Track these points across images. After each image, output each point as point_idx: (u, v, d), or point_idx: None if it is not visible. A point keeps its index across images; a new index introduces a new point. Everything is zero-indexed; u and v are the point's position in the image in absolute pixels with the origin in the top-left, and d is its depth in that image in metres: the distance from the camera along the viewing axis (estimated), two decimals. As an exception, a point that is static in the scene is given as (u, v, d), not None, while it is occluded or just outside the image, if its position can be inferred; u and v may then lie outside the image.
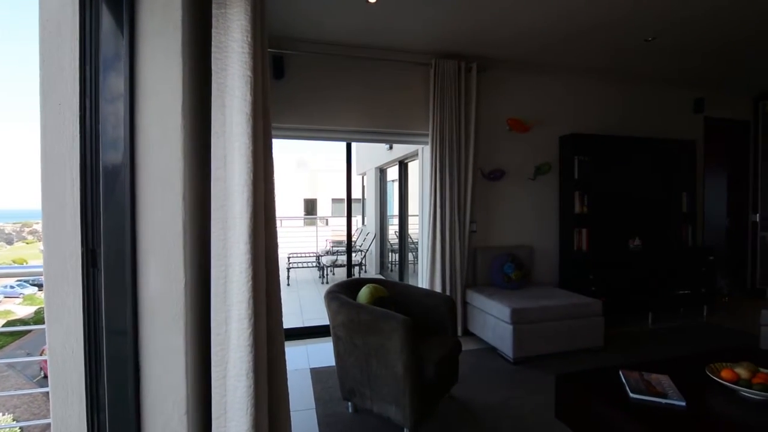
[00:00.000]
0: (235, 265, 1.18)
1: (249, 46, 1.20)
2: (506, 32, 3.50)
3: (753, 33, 3.52)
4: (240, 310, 1.17)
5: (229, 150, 1.20)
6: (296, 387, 2.85)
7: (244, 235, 1.18)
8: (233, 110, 1.20)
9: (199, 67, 1.37)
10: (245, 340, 1.17)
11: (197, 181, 1.35)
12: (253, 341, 1.18)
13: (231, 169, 1.20)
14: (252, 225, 1.19)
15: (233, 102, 1.20)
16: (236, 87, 1.19)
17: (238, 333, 1.17)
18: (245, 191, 1.18)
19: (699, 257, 4.51)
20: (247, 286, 1.17)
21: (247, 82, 1.19)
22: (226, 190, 1.20)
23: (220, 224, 1.21)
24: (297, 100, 3.67)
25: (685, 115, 5.05)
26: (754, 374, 1.89)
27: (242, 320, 1.17)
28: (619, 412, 1.73)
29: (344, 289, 2.60)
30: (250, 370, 1.17)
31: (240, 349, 1.17)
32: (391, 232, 7.88)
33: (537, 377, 2.97)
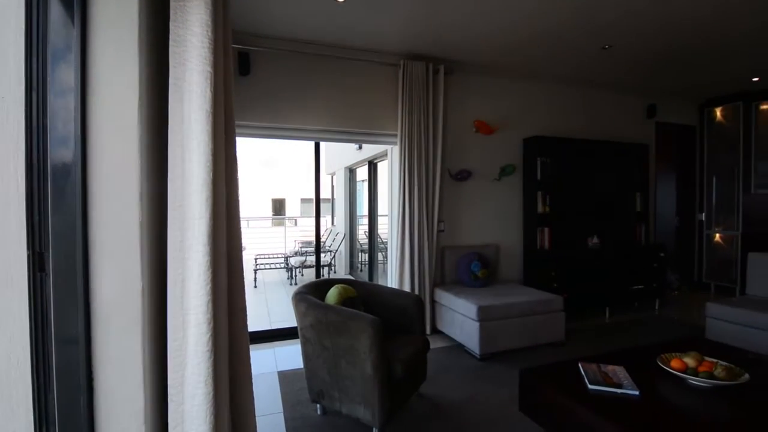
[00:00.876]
0: (193, 268, 1.14)
1: (209, 41, 1.16)
2: (470, 36, 3.57)
3: (698, 46, 3.76)
4: (198, 314, 1.13)
5: (187, 147, 1.16)
6: (263, 391, 2.79)
7: (202, 236, 1.14)
8: (192, 106, 1.15)
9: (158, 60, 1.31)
10: (204, 345, 1.13)
11: (156, 180, 1.30)
12: (213, 346, 1.14)
13: (189, 168, 1.15)
14: (211, 225, 1.15)
15: (192, 97, 1.15)
16: (195, 82, 1.15)
17: (196, 338, 1.13)
18: (204, 190, 1.14)
19: (651, 254, 4.77)
20: (206, 289, 1.13)
21: (206, 77, 1.16)
22: (184, 189, 1.16)
23: (177, 225, 1.16)
24: (264, 97, 3.59)
25: (638, 120, 5.34)
26: (700, 363, 2.02)
27: (200, 325, 1.13)
28: (578, 404, 1.80)
29: (312, 290, 2.57)
30: (209, 376, 1.13)
31: (198, 354, 1.13)
32: (361, 232, 7.86)
33: (502, 372, 3.05)
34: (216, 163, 1.20)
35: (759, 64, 4.34)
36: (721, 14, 3.16)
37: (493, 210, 4.49)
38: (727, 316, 3.35)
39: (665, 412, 1.77)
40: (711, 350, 2.35)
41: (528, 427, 2.26)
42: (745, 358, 2.26)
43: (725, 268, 5.51)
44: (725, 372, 1.94)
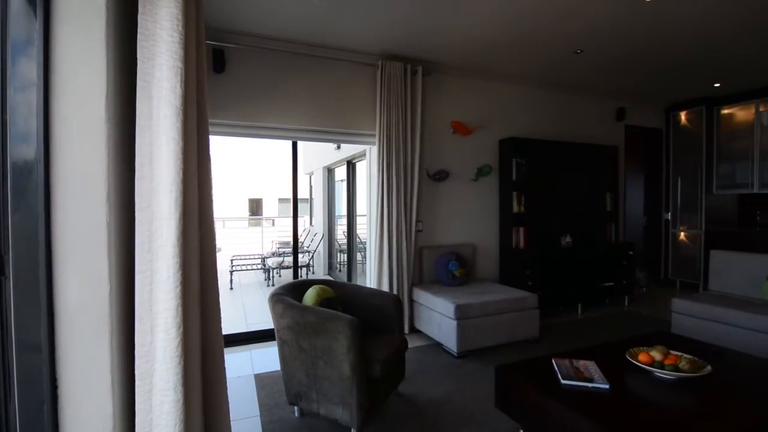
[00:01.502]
0: (162, 270, 1.10)
1: (180, 35, 1.13)
2: (447, 39, 3.61)
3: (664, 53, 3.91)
4: (167, 318, 1.10)
5: (156, 145, 1.12)
6: (239, 394, 2.74)
7: (172, 238, 1.10)
8: (161, 102, 1.12)
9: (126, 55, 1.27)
10: (173, 351, 1.10)
11: (125, 179, 1.26)
12: (183, 352, 1.11)
13: (158, 167, 1.12)
14: (182, 226, 1.12)
15: (161, 93, 1.12)
16: (165, 78, 1.12)
17: (165, 343, 1.10)
18: (174, 190, 1.11)
19: (621, 252, 4.94)
20: (175, 292, 1.10)
21: (177, 73, 1.12)
22: (152, 189, 1.12)
23: (145, 226, 1.12)
24: (240, 95, 3.52)
25: (608, 123, 5.52)
26: (666, 356, 2.10)
27: (169, 330, 1.09)
28: (551, 399, 1.85)
29: (290, 291, 2.54)
30: (179, 383, 1.10)
31: (167, 360, 1.10)
32: (340, 232, 7.83)
33: (479, 369, 3.10)
34: (187, 162, 1.17)
35: (720, 71, 4.55)
36: (685, 23, 3.30)
37: (470, 210, 4.55)
38: (691, 311, 3.50)
39: (633, 405, 1.83)
40: (676, 344, 2.45)
41: (504, 423, 2.31)
42: (708, 351, 2.37)
43: (689, 265, 5.76)
44: (689, 364, 2.03)
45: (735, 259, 3.73)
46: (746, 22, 3.29)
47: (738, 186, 5.46)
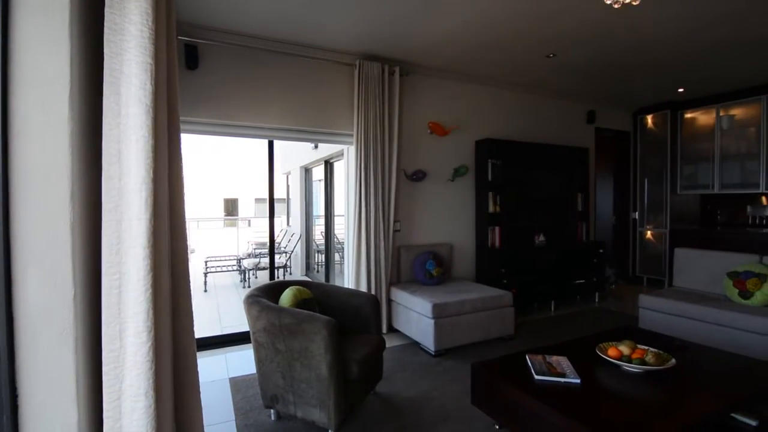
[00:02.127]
0: (131, 273, 1.07)
1: (150, 31, 1.10)
2: (424, 41, 3.63)
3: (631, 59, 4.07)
4: (137, 322, 1.06)
5: (124, 144, 1.09)
6: (213, 399, 2.68)
7: (141, 239, 1.07)
8: (130, 99, 1.08)
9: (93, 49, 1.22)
10: (144, 355, 1.06)
11: (91, 178, 1.21)
12: (154, 356, 1.08)
13: (126, 165, 1.08)
14: (152, 227, 1.09)
15: (130, 91, 1.08)
16: (134, 74, 1.08)
17: (135, 348, 1.06)
18: (144, 189, 1.07)
19: (591, 250, 5.10)
20: (146, 295, 1.07)
21: (146, 69, 1.09)
22: (121, 188, 1.08)
23: (113, 227, 1.09)
24: (214, 93, 3.44)
25: (580, 126, 5.68)
26: (633, 350, 2.18)
27: (140, 334, 1.06)
28: (525, 394, 1.89)
29: (265, 293, 2.50)
30: (150, 388, 1.07)
31: (138, 365, 1.07)
32: (317, 232, 7.76)
33: (456, 367, 3.13)
34: (157, 161, 1.13)
35: (684, 76, 4.76)
36: (651, 31, 3.43)
37: (447, 210, 4.60)
38: (657, 307, 3.64)
39: (602, 398, 1.90)
40: (643, 338, 2.55)
41: (480, 420, 2.34)
42: (673, 345, 2.47)
43: (656, 262, 6.01)
44: (655, 358, 2.11)
45: (698, 257, 3.91)
46: (707, 31, 3.45)
47: (700, 186, 5.73)
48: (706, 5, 3.01)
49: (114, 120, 1.10)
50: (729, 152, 5.40)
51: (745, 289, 3.27)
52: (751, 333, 2.98)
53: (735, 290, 3.34)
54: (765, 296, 3.17)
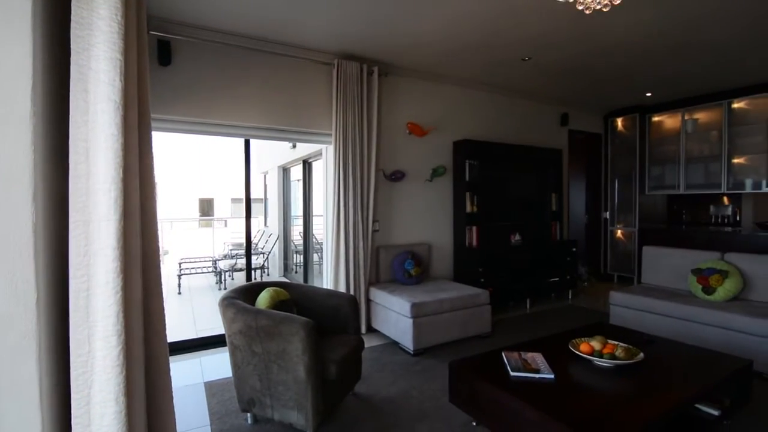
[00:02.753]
0: (100, 275, 1.03)
1: (119, 25, 1.06)
2: (401, 41, 3.65)
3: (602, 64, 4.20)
4: (106, 325, 1.03)
5: (92, 142, 1.05)
6: (188, 404, 2.62)
7: (111, 240, 1.03)
8: (98, 97, 1.05)
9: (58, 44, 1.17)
10: (114, 360, 1.03)
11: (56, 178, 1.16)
12: (125, 360, 1.05)
13: (95, 164, 1.05)
14: (122, 228, 1.05)
15: (98, 87, 1.05)
16: (102, 71, 1.05)
17: (104, 352, 1.03)
18: (113, 189, 1.04)
19: (565, 249, 5.24)
20: (116, 298, 1.03)
21: (116, 65, 1.05)
22: (89, 188, 1.05)
23: (81, 228, 1.05)
24: (188, 90, 3.36)
25: (554, 128, 5.83)
26: (604, 346, 2.26)
27: (109, 337, 1.03)
28: (501, 391, 1.93)
29: (242, 295, 2.46)
30: (121, 393, 1.04)
31: (107, 370, 1.03)
32: (296, 233, 7.69)
33: (434, 366, 3.16)
34: (127, 160, 1.10)
35: (651, 81, 4.95)
36: (620, 37, 3.56)
37: (426, 210, 4.63)
38: (627, 303, 3.78)
39: (575, 392, 1.95)
40: (613, 334, 2.64)
41: (458, 417, 2.37)
42: (641, 339, 2.57)
43: (626, 260, 6.22)
44: (624, 352, 2.19)
45: (664, 255, 4.07)
46: (673, 38, 3.60)
47: (667, 187, 5.97)
48: (667, 12, 3.14)
49: (81, 117, 1.06)
50: (693, 154, 5.65)
51: (708, 285, 3.42)
52: (713, 327, 3.13)
53: (699, 286, 3.49)
54: (726, 292, 3.33)
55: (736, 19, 3.25)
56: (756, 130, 5.05)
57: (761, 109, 4.99)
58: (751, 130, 5.10)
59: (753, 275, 3.36)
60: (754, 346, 2.86)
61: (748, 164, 5.15)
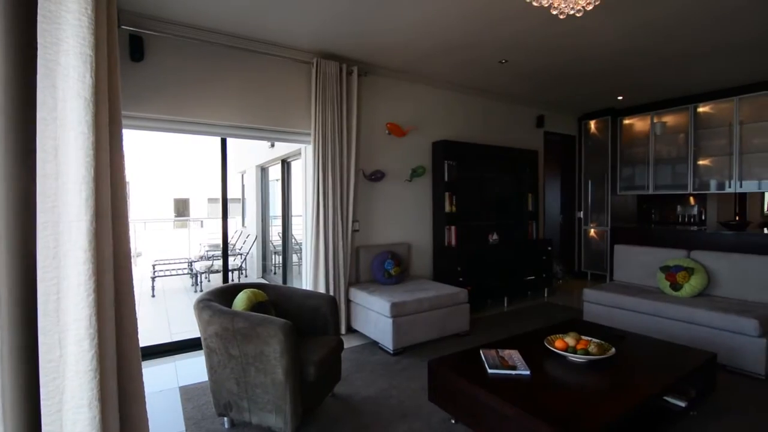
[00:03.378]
0: (72, 277, 0.99)
1: (89, 19, 1.03)
2: (380, 42, 3.66)
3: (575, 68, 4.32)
4: (79, 329, 0.99)
5: (62, 140, 1.01)
6: (162, 409, 2.55)
7: (82, 241, 1.00)
8: (67, 93, 1.01)
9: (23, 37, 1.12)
10: (86, 364, 1.00)
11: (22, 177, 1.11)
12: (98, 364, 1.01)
13: (64, 163, 1.01)
14: (93, 229, 1.02)
15: (67, 84, 1.01)
16: (72, 66, 1.01)
17: (77, 357, 0.99)
18: (84, 189, 1.00)
19: (541, 248, 5.37)
20: (88, 301, 1.00)
21: (86, 61, 1.02)
22: (59, 188, 1.01)
23: (50, 229, 1.01)
24: (161, 87, 3.27)
25: (530, 129, 5.96)
26: (578, 341, 2.32)
27: (82, 341, 0.99)
28: (479, 388, 1.96)
29: (218, 297, 2.42)
30: (94, 398, 1.00)
31: (80, 375, 1.00)
32: (274, 233, 7.59)
33: (414, 365, 3.18)
34: (99, 158, 1.06)
35: (622, 85, 5.13)
36: (592, 41, 3.67)
37: (405, 210, 4.66)
38: (599, 300, 3.90)
39: (550, 387, 2.00)
40: (587, 330, 2.72)
41: (437, 415, 2.39)
42: (612, 335, 2.66)
43: (599, 258, 6.42)
44: (597, 348, 2.26)
45: (634, 253, 4.22)
46: (642, 44, 3.74)
47: (637, 188, 6.19)
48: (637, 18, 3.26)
49: (50, 115, 1.02)
50: (662, 156, 5.88)
51: (675, 281, 3.57)
52: (680, 322, 3.26)
53: (667, 283, 3.64)
54: (692, 288, 3.48)
55: (701, 26, 3.40)
56: (719, 133, 5.29)
57: (724, 113, 5.24)
58: (714, 133, 5.35)
59: (717, 272, 3.53)
60: (718, 340, 3.00)
61: (713, 166, 5.40)
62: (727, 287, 3.46)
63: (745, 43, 3.77)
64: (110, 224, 1.15)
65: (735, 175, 5.12)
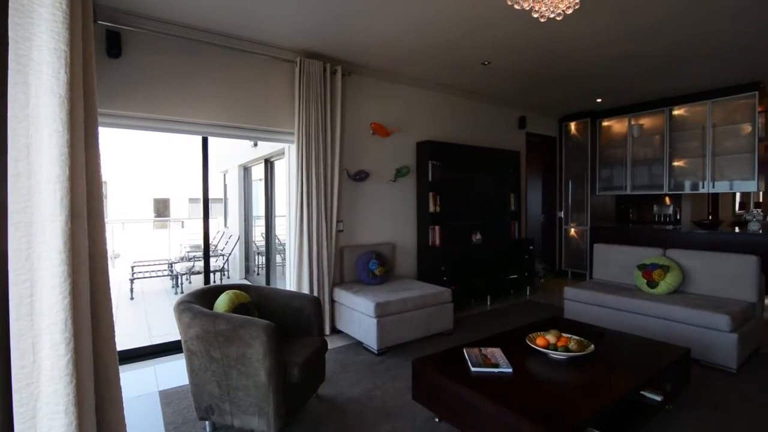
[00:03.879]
0: (46, 280, 0.96)
1: (63, 13, 1.00)
2: (364, 42, 3.66)
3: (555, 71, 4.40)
4: (54, 333, 0.97)
5: (35, 138, 0.98)
6: (141, 414, 2.50)
7: (57, 243, 0.97)
8: (41, 90, 0.98)
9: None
10: (62, 369, 0.97)
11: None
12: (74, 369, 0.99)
13: (38, 162, 0.98)
14: (69, 230, 0.99)
15: (41, 80, 0.98)
16: (45, 62, 0.98)
17: (52, 362, 0.96)
18: (58, 189, 0.98)
19: (523, 247, 5.45)
20: (63, 304, 0.97)
21: (60, 56, 0.99)
22: (31, 187, 0.98)
23: (23, 230, 0.97)
24: (140, 84, 3.19)
25: (512, 130, 6.04)
26: (558, 339, 2.37)
27: (57, 346, 0.96)
28: (462, 386, 1.98)
29: (199, 299, 2.38)
30: (71, 404, 0.97)
31: (55, 380, 0.97)
32: (258, 233, 7.50)
33: (398, 364, 3.19)
34: (74, 157, 1.03)
35: (601, 88, 5.25)
36: (572, 44, 3.74)
37: (390, 210, 4.67)
38: (579, 298, 3.98)
39: (532, 384, 2.04)
40: (567, 327, 2.78)
41: (421, 414, 2.41)
42: (592, 332, 2.72)
43: (579, 257, 6.55)
44: (577, 345, 2.31)
45: (613, 251, 4.32)
46: (620, 48, 3.84)
47: (615, 188, 6.35)
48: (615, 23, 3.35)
49: (22, 112, 0.99)
50: (639, 157, 6.05)
51: (651, 279, 3.67)
52: (656, 318, 3.36)
53: (644, 281, 3.74)
54: (668, 285, 3.59)
55: (675, 34, 3.50)
56: (693, 135, 5.47)
57: (698, 116, 5.42)
58: (689, 135, 5.53)
59: (691, 269, 3.64)
60: (692, 335, 3.11)
61: (687, 167, 5.58)
62: (701, 284, 3.58)
63: (717, 50, 3.91)
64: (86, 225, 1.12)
65: (708, 176, 5.30)
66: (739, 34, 3.54)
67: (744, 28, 3.42)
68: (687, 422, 2.32)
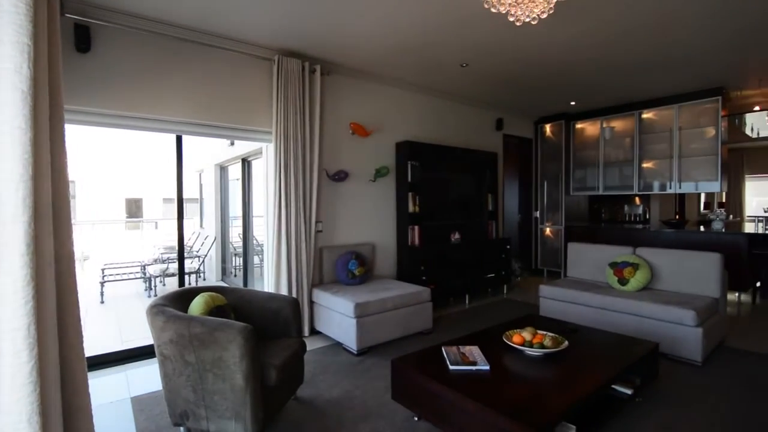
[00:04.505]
0: (7, 284, 0.92)
1: (26, 6, 0.96)
2: (343, 41, 3.65)
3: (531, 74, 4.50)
4: (15, 339, 0.92)
5: (-6, 136, 0.94)
6: (113, 422, 2.41)
7: (19, 244, 0.93)
8: (2, 85, 0.94)
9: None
10: (25, 377, 0.93)
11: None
12: (38, 377, 0.94)
13: None
14: (32, 231, 0.95)
15: (2, 75, 0.93)
16: (7, 56, 0.94)
17: (14, 369, 0.92)
18: (21, 188, 0.93)
19: (500, 246, 5.54)
20: (26, 309, 0.93)
21: (23, 50, 0.95)
22: (-9, 187, 0.93)
23: (-19, 231, 0.93)
24: (110, 80, 3.08)
25: (490, 131, 6.14)
26: (534, 336, 2.42)
27: (19, 353, 0.92)
28: (441, 385, 1.99)
29: (172, 302, 2.32)
30: (35, 413, 0.93)
31: (17, 389, 0.92)
32: (235, 234, 7.37)
33: (378, 364, 3.19)
34: (38, 155, 0.99)
35: (574, 91, 5.39)
36: (547, 48, 3.83)
37: (369, 210, 4.66)
38: (554, 296, 4.08)
39: (509, 381, 2.07)
40: (542, 324, 2.84)
41: (401, 413, 2.41)
42: (566, 329, 2.79)
43: (554, 255, 6.72)
44: (552, 341, 2.37)
45: (586, 250, 4.44)
46: (592, 54, 3.96)
47: (588, 188, 6.54)
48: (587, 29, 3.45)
49: (-21, 107, 0.94)
50: (610, 159, 6.25)
51: (622, 276, 3.79)
52: (627, 314, 3.47)
53: (615, 278, 3.86)
54: (638, 282, 3.71)
55: (642, 41, 3.64)
56: (661, 138, 5.69)
57: (666, 120, 5.65)
58: (657, 138, 5.75)
59: (659, 267, 3.79)
60: (661, 330, 3.23)
61: (656, 168, 5.79)
62: (668, 281, 3.72)
63: (679, 58, 4.09)
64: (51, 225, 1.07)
65: (675, 177, 5.52)
66: (700, 43, 3.73)
67: (703, 37, 3.60)
68: (656, 414, 2.41)
